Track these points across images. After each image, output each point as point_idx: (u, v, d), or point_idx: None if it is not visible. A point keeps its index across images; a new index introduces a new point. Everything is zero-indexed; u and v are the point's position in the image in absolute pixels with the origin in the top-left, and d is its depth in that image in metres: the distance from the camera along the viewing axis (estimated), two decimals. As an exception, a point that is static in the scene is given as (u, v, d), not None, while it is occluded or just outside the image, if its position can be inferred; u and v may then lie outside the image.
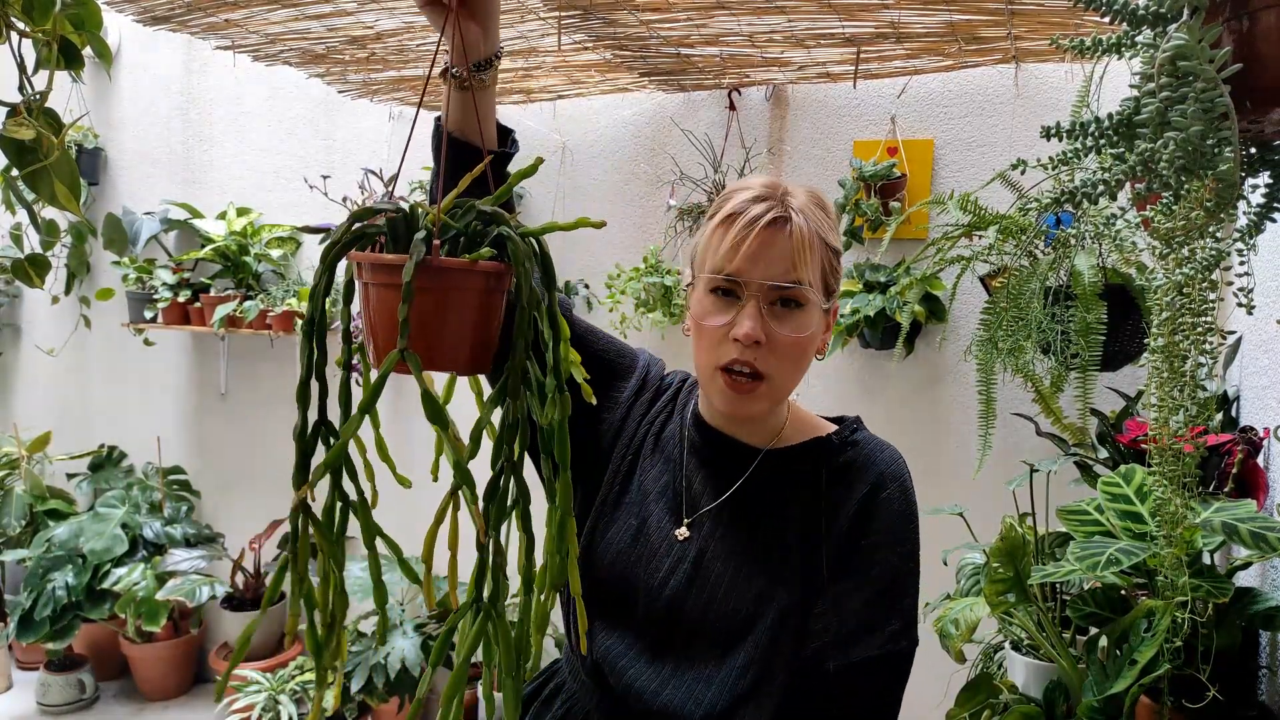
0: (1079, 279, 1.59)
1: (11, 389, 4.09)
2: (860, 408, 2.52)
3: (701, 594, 1.00)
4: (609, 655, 1.03)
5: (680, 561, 1.02)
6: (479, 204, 0.74)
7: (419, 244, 0.67)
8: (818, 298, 0.98)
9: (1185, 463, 0.97)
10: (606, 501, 1.08)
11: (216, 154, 3.51)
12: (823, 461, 1.03)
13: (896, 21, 2.05)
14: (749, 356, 0.95)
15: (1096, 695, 1.20)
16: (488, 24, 0.92)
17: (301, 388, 0.68)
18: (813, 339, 0.99)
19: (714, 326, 0.97)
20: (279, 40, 2.52)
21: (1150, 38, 0.59)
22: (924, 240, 2.28)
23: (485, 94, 0.95)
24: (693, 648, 1.00)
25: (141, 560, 3.20)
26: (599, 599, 1.05)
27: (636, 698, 1.00)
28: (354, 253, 0.72)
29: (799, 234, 0.95)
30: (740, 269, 0.96)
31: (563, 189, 2.92)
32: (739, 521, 1.03)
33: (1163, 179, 0.59)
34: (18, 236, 3.21)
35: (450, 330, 0.71)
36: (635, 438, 1.11)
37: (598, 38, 2.27)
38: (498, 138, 1.01)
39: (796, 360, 0.98)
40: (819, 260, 0.98)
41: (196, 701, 3.37)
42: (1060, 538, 1.58)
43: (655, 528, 1.05)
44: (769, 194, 0.98)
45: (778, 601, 0.97)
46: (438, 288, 0.69)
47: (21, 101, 1.08)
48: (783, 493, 1.03)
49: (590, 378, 1.10)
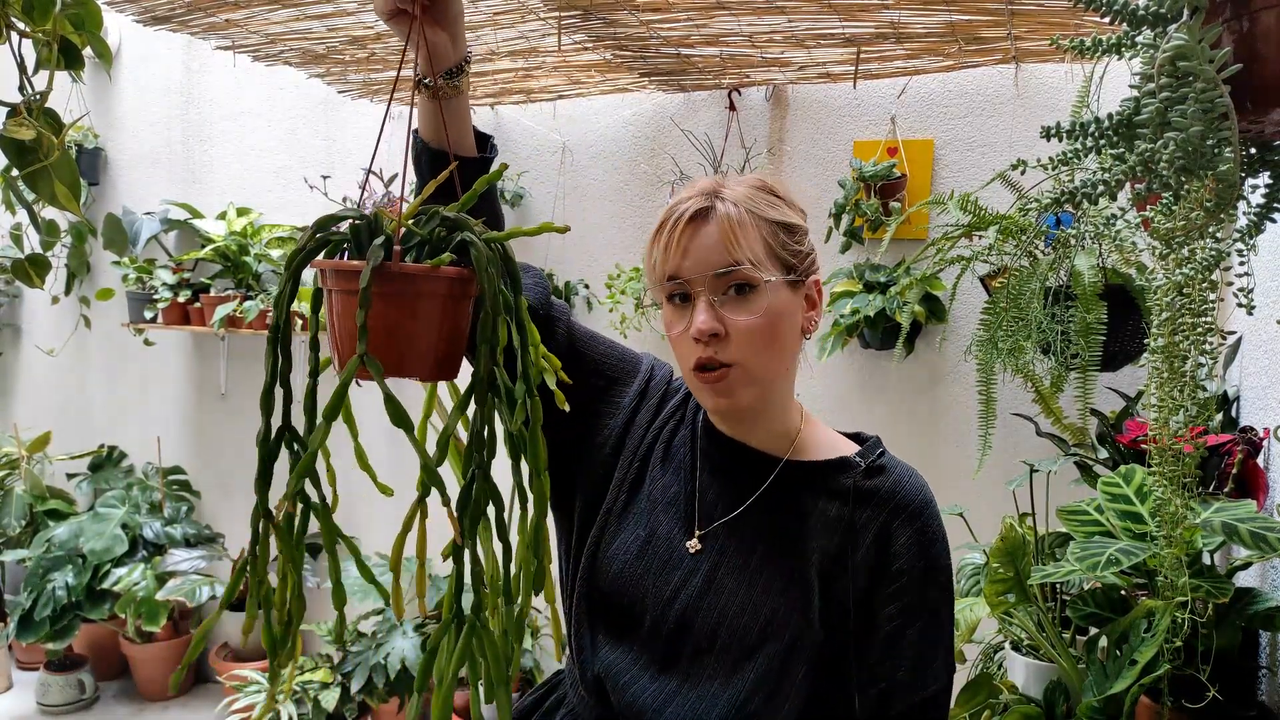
0: (1079, 279, 1.59)
1: (11, 389, 4.09)
2: (860, 408, 2.52)
3: (713, 609, 0.96)
4: (612, 670, 1.00)
5: (692, 574, 0.99)
6: (443, 210, 0.73)
7: (376, 249, 0.68)
8: (770, 274, 0.95)
9: (1185, 463, 0.97)
10: (612, 511, 1.05)
11: (216, 154, 3.51)
12: (848, 482, 1.00)
13: (896, 22, 2.05)
14: (710, 352, 0.94)
15: (1096, 695, 1.20)
16: (454, 30, 0.91)
17: (265, 394, 0.69)
18: (779, 318, 0.96)
19: (678, 334, 0.97)
20: (279, 40, 2.52)
21: (1150, 38, 0.60)
22: (924, 240, 2.28)
23: (459, 101, 0.95)
24: (700, 665, 0.97)
25: (141, 560, 3.20)
26: (603, 611, 1.02)
27: (638, 716, 0.97)
28: (317, 260, 0.72)
29: (726, 218, 0.94)
30: (677, 267, 0.95)
31: (563, 189, 2.92)
32: (756, 534, 1.00)
33: (1163, 179, 0.59)
34: (18, 236, 3.21)
35: (414, 336, 0.71)
36: (642, 445, 1.07)
37: (598, 38, 2.27)
38: (477, 143, 1.00)
39: (770, 343, 0.96)
40: (758, 236, 0.95)
41: (197, 701, 3.37)
42: (1060, 538, 1.59)
43: (664, 539, 1.02)
44: (699, 192, 0.97)
45: (793, 623, 0.95)
46: (399, 293, 0.70)
47: (22, 101, 1.08)
48: (804, 508, 1.00)
49: (595, 384, 1.09)
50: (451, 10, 0.90)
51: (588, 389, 1.08)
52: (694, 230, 0.95)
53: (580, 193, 2.90)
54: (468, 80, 0.95)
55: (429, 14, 0.87)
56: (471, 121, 0.99)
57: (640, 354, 1.15)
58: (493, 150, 1.02)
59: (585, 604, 1.03)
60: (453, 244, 0.72)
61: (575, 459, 1.08)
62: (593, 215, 2.89)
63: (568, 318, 1.09)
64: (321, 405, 0.69)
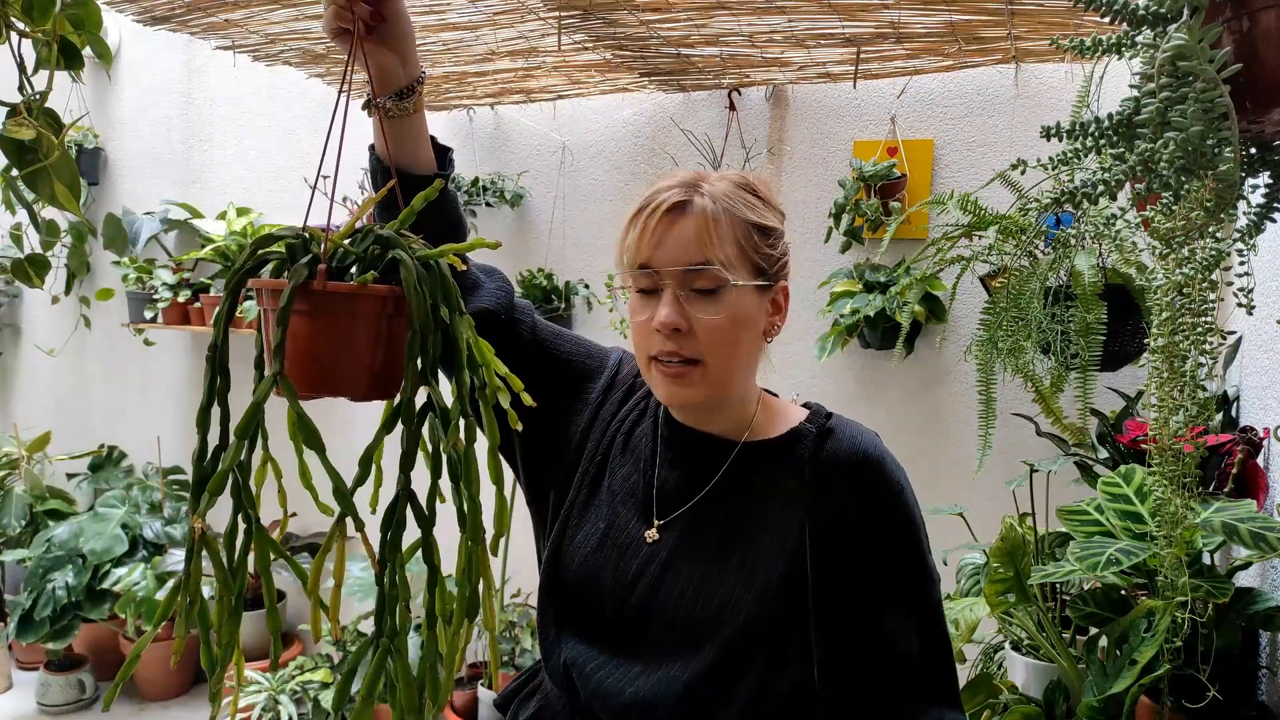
0: (1079, 279, 1.59)
1: (11, 389, 4.09)
2: (860, 408, 2.52)
3: (670, 595, 0.98)
4: (577, 660, 1.01)
5: (649, 563, 1.00)
6: (378, 228, 0.72)
7: (300, 268, 0.67)
8: (740, 277, 0.95)
9: (1185, 463, 0.97)
10: (575, 505, 1.06)
11: (216, 154, 3.51)
12: (804, 452, 1.01)
13: (896, 21, 2.05)
14: (672, 345, 0.94)
15: (1096, 695, 1.20)
16: (403, 51, 0.90)
17: (201, 413, 0.69)
18: (743, 321, 0.96)
19: (640, 321, 0.97)
20: (279, 40, 2.52)
21: (1150, 38, 0.60)
22: (924, 240, 2.28)
23: (413, 120, 0.94)
24: (660, 650, 0.98)
25: (141, 560, 3.20)
26: (567, 603, 1.04)
27: (603, 699, 0.99)
28: (254, 279, 0.72)
29: (703, 214, 0.94)
30: (650, 257, 0.95)
31: (563, 189, 2.92)
32: (714, 518, 1.01)
33: (1163, 179, 0.59)
34: (18, 236, 3.21)
35: (342, 356, 0.70)
36: (605, 438, 1.08)
37: (598, 38, 2.27)
38: (436, 156, 1.00)
39: (731, 344, 0.96)
40: (732, 238, 0.95)
41: (196, 701, 3.37)
42: (1060, 538, 1.58)
43: (622, 529, 1.03)
44: (678, 183, 0.97)
45: (749, 603, 0.95)
46: (326, 313, 0.69)
47: (21, 101, 1.08)
48: (762, 487, 1.01)
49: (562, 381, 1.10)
50: (398, 30, 0.89)
51: (556, 386, 1.09)
52: (670, 221, 0.95)
53: (580, 193, 2.90)
54: (420, 101, 0.94)
55: (375, 35, 0.87)
56: (428, 137, 0.98)
57: (609, 348, 1.16)
58: (450, 165, 1.02)
59: (551, 597, 1.05)
60: (384, 262, 0.71)
61: (546, 455, 1.10)
62: (593, 215, 2.89)
63: (532, 317, 1.10)
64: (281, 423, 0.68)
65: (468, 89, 2.79)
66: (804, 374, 2.57)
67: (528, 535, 1.14)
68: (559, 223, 2.93)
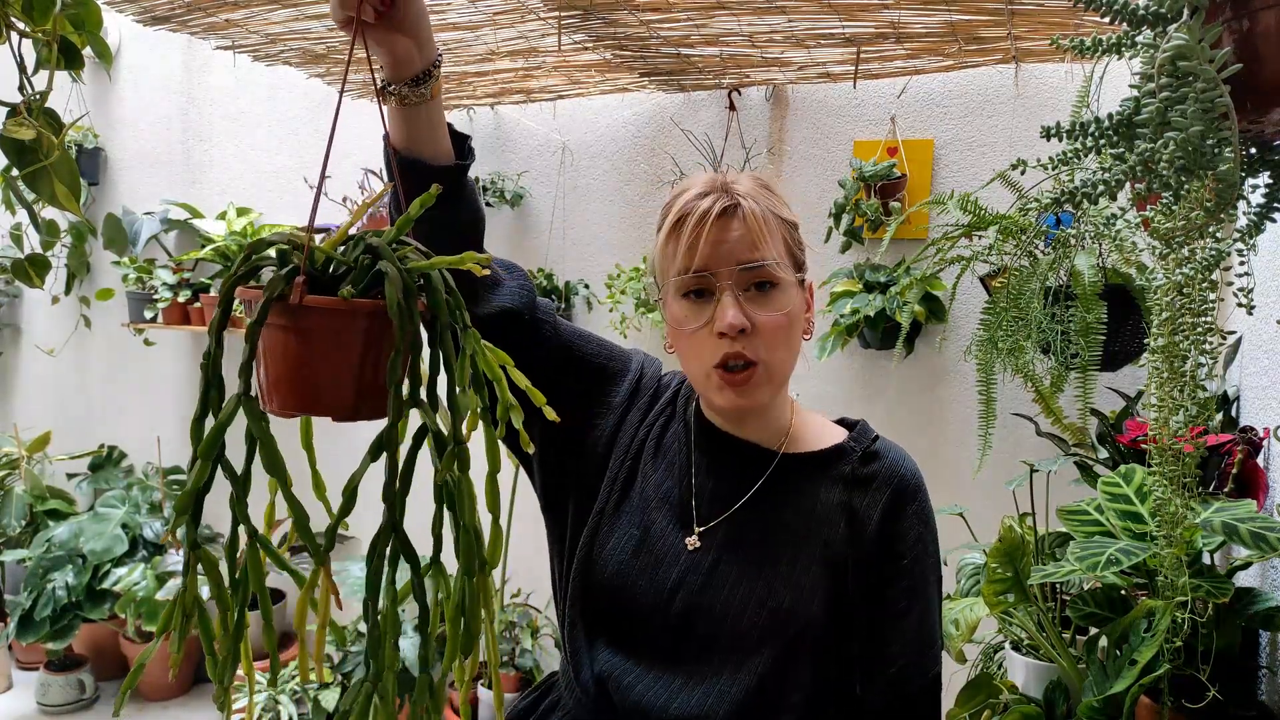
0: (1079, 279, 1.59)
1: (11, 389, 4.09)
2: (860, 408, 2.52)
3: (715, 605, 0.96)
4: (614, 671, 0.98)
5: (690, 570, 0.98)
6: (369, 237, 0.67)
7: (277, 280, 0.63)
8: (788, 273, 0.97)
9: (1185, 463, 0.97)
10: (605, 511, 1.04)
11: (216, 154, 3.51)
12: (847, 468, 1.01)
13: (896, 21, 2.05)
14: (739, 347, 0.93)
15: (1096, 695, 1.20)
16: (418, 34, 0.86)
17: (195, 424, 0.64)
18: (796, 317, 0.98)
19: (696, 329, 0.96)
20: (279, 40, 2.52)
21: (1150, 38, 0.59)
22: (924, 240, 2.28)
23: (430, 107, 0.89)
24: (705, 661, 0.96)
25: (141, 560, 3.20)
26: (599, 612, 1.01)
27: (643, 714, 0.96)
28: (241, 287, 0.67)
29: (752, 215, 0.95)
30: (707, 262, 0.94)
31: (563, 189, 2.92)
32: (756, 528, 1.00)
33: (1163, 179, 0.59)
34: (18, 236, 3.21)
35: (326, 373, 0.65)
36: (634, 443, 1.06)
37: (598, 38, 2.27)
38: (455, 145, 0.95)
39: (786, 341, 0.97)
40: (779, 235, 0.97)
41: (197, 702, 3.37)
42: (1060, 538, 1.58)
43: (659, 536, 1.01)
44: (712, 188, 0.97)
45: (797, 614, 0.95)
46: (305, 328, 0.64)
47: (21, 101, 1.08)
48: (804, 499, 1.00)
49: (586, 383, 1.08)
50: (412, 13, 0.84)
51: (578, 389, 1.07)
52: (721, 226, 0.95)
53: (580, 193, 2.90)
54: (438, 86, 0.90)
55: (387, 20, 0.83)
56: (445, 125, 0.94)
57: (630, 351, 1.14)
58: (469, 154, 0.97)
59: (580, 605, 1.02)
60: (371, 273, 0.65)
61: (568, 461, 1.07)
62: (593, 215, 2.89)
63: (554, 317, 1.07)
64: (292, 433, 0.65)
65: (468, 89, 2.79)
66: (804, 374, 2.57)
67: (528, 535, 1.13)
68: (559, 223, 2.93)
